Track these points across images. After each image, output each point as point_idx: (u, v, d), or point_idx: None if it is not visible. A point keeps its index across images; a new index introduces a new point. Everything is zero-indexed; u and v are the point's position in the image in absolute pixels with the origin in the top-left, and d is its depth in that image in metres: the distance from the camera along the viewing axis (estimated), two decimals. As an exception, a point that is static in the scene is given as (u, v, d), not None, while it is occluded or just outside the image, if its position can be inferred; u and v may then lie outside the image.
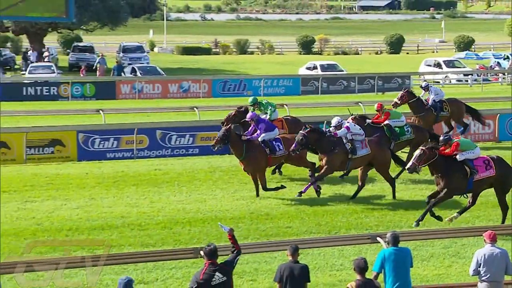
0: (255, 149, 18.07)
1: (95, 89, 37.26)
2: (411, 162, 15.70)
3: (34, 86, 36.95)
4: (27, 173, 20.30)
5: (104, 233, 15.35)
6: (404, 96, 23.65)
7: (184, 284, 12.62)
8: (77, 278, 12.79)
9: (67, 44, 59.39)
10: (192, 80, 39.42)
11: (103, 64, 45.45)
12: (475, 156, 15.97)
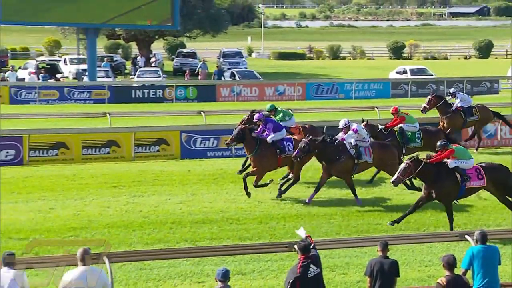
0: (266, 148, 17.83)
1: (197, 92, 37.70)
2: (395, 175, 15.02)
3: (142, 89, 37.64)
4: (135, 170, 20.70)
5: (204, 226, 15.50)
6: (432, 100, 23.11)
7: (280, 276, 12.64)
8: (180, 268, 12.97)
9: (172, 50, 60.31)
10: (287, 84, 39.45)
11: (205, 68, 45.96)
12: (468, 166, 15.25)
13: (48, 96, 36.17)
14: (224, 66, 48.67)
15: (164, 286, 12.32)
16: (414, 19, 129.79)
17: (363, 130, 18.03)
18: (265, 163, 17.85)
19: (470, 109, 23.33)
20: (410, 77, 42.35)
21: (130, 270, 12.75)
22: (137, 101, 36.03)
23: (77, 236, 14.62)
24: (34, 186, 18.58)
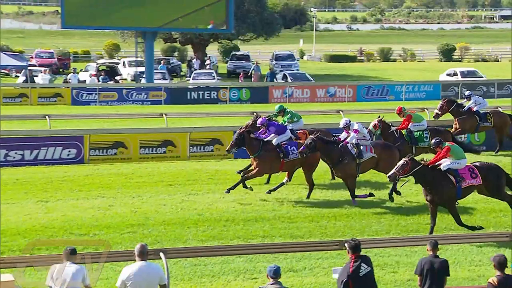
0: (270, 151, 17.51)
1: (250, 94, 37.82)
2: (392, 171, 14.71)
3: (197, 91, 37.90)
4: (190, 169, 20.84)
5: (257, 224, 15.52)
6: (444, 106, 22.70)
7: (330, 274, 12.58)
8: (233, 264, 13.01)
9: (226, 53, 60.54)
10: (338, 86, 39.30)
11: (258, 71, 46.06)
12: (460, 166, 14.93)
13: (107, 97, 36.66)
14: (276, 68, 48.67)
15: (218, 282, 12.37)
16: (465, 22, 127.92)
17: (363, 128, 17.80)
18: (267, 165, 17.57)
19: (484, 114, 22.94)
20: (460, 79, 41.77)
21: (185, 266, 12.85)
22: (192, 102, 36.30)
23: (135, 233, 14.77)
24: (94, 184, 18.85)
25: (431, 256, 10.16)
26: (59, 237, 14.29)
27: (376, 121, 19.33)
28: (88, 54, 65.22)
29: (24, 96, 35.77)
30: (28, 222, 15.25)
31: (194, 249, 12.41)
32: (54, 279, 9.06)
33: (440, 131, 20.05)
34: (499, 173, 15.25)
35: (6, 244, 13.78)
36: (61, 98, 36.13)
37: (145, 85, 39.76)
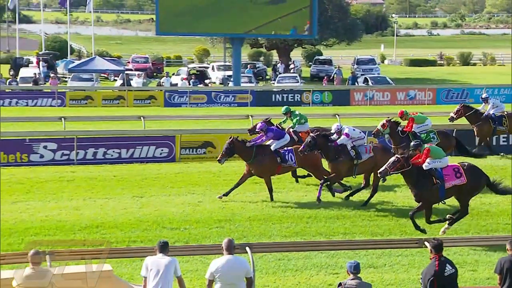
0: (265, 155, 17.01)
1: (332, 97, 37.67)
2: (384, 167, 14.23)
3: (281, 94, 38.00)
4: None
5: (338, 221, 15.43)
6: (460, 111, 21.91)
7: (410, 271, 12.43)
8: (315, 260, 12.98)
9: (310, 58, 60.46)
10: (418, 89, 38.73)
11: (340, 75, 45.83)
12: (443, 165, 14.41)
13: (197, 99, 37.11)
14: (358, 72, 48.33)
15: (300, 276, 12.37)
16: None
17: (354, 131, 17.31)
18: (264, 169, 17.11)
19: (500, 118, 22.10)
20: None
21: (270, 260, 12.89)
22: (277, 104, 36.31)
23: (222, 228, 14.89)
24: (184, 181, 19.10)
25: (510, 255, 9.89)
26: (153, 231, 14.55)
27: (385, 121, 18.79)
28: (180, 59, 66.19)
29: (121, 98, 36.59)
30: (124, 216, 15.58)
31: (278, 244, 12.43)
32: (149, 269, 9.23)
33: (447, 134, 19.50)
34: (482, 177, 14.68)
35: (104, 237, 14.12)
36: (155, 100, 36.80)
37: (233, 88, 40.11)
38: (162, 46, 75.97)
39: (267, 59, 62.36)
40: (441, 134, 19.28)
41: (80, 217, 15.36)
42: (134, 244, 13.54)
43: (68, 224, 14.73)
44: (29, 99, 35.50)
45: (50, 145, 21.06)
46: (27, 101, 35.31)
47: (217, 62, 54.25)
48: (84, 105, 35.38)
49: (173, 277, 9.27)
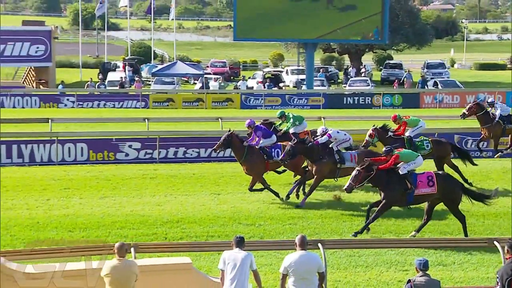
0: (254, 154, 16.75)
1: (402, 99, 37.16)
2: (348, 182, 13.80)
3: (352, 97, 37.72)
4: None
5: (408, 220, 15.17)
6: (473, 108, 20.99)
7: (479, 269, 12.17)
8: (385, 257, 12.84)
9: (380, 62, 59.83)
10: (487, 92, 37.72)
11: (410, 78, 45.20)
12: (418, 165, 14.03)
13: (272, 102, 37.19)
14: (427, 76, 47.53)
15: (371, 272, 12.25)
16: None
17: (339, 133, 16.83)
18: (257, 167, 16.88)
19: (509, 117, 21.21)
20: None
21: (341, 256, 12.81)
22: (348, 107, 36.14)
23: (295, 224, 14.88)
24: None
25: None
26: (229, 226, 14.65)
27: (371, 131, 18.09)
28: (256, 64, 66.44)
29: (200, 100, 36.97)
30: (203, 212, 15.74)
31: (350, 241, 12.35)
32: (226, 263, 9.30)
33: (441, 142, 18.63)
34: (456, 186, 14.12)
35: (184, 231, 14.30)
36: (232, 103, 37.05)
37: (306, 91, 40.04)
38: (239, 51, 76.41)
39: (339, 64, 61.99)
40: (435, 142, 18.46)
41: (161, 212, 15.60)
42: (212, 239, 13.68)
43: (150, 219, 14.98)
44: (116, 101, 36.28)
45: (134, 145, 21.47)
46: (114, 103, 36.09)
47: (291, 66, 54.23)
48: (166, 107, 35.93)
49: (249, 270, 9.31)
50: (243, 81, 44.27)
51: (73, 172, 19.60)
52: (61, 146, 21.12)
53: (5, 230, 13.90)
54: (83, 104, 35.50)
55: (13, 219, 14.59)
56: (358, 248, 12.49)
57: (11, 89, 36.69)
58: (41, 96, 36.14)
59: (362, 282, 11.83)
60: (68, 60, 61.66)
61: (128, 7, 67.53)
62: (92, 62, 62.15)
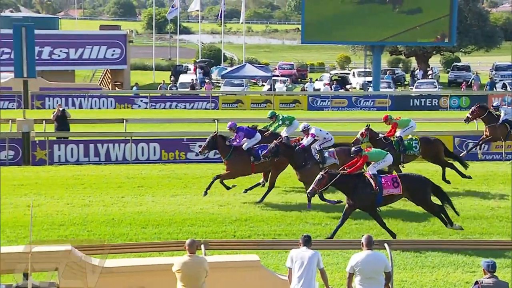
0: (240, 154, 16.46)
1: (470, 101, 36.30)
2: (311, 186, 13.48)
3: (419, 99, 37.19)
4: (412, 169, 20.34)
5: (475, 222, 14.86)
6: (476, 111, 20.38)
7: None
8: (452, 258, 12.57)
9: (448, 64, 58.76)
10: (558, 94, 36.68)
11: (477, 80, 44.22)
12: (388, 163, 13.93)
13: (338, 103, 37.00)
14: (496, 78, 46.44)
15: (438, 273, 12.01)
16: None
17: (321, 132, 16.38)
18: (238, 167, 16.52)
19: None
20: None
21: (407, 257, 12.61)
22: (414, 108, 35.61)
23: (362, 224, 14.68)
24: (326, 180, 19.02)
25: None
26: (296, 225, 14.63)
27: (364, 130, 17.64)
28: (323, 66, 66.19)
29: (268, 102, 37.07)
30: (271, 211, 15.75)
31: (416, 242, 12.17)
32: (294, 261, 9.28)
33: (430, 140, 18.15)
34: (422, 184, 13.69)
35: (252, 229, 14.34)
36: (299, 104, 37.02)
37: (372, 93, 39.68)
38: (306, 53, 76.25)
39: (406, 66, 61.19)
40: (424, 141, 18.04)
41: (230, 210, 15.69)
42: (279, 237, 13.68)
43: (220, 217, 15.09)
44: (187, 102, 36.74)
45: (205, 144, 21.65)
46: (185, 104, 36.55)
47: (357, 69, 53.84)
48: (234, 108, 36.16)
49: (316, 269, 9.28)
50: (310, 83, 44.16)
51: (146, 170, 19.94)
52: (135, 146, 21.53)
53: (83, 225, 14.25)
54: (156, 105, 36.07)
55: (90, 215, 14.94)
56: (424, 249, 12.28)
57: (89, 90, 37.55)
58: (116, 98, 36.91)
59: (429, 283, 11.62)
60: (142, 62, 62.80)
61: (199, 12, 68.26)
62: (164, 64, 63.14)
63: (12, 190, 17.06)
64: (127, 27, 60.97)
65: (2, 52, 42.77)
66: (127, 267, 9.85)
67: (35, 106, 33.75)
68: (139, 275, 9.73)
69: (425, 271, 12.09)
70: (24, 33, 24.00)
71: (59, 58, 44.69)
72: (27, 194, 16.58)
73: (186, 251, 9.27)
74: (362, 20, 40.30)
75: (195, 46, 74.71)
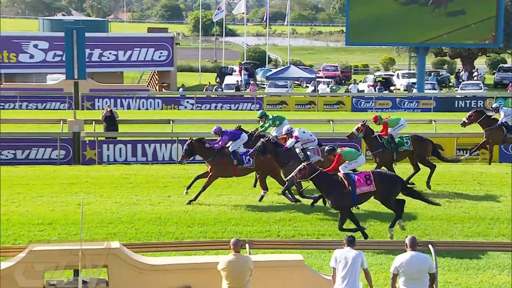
0: (223, 156, 16.21)
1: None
2: (291, 174, 13.40)
3: (464, 100, 36.70)
4: (456, 171, 20.10)
5: (521, 224, 14.61)
6: (472, 116, 20.03)
7: None
8: (498, 260, 12.34)
9: (493, 66, 57.82)
10: None
11: (525, 81, 43.43)
12: (359, 164, 13.84)
13: (382, 105, 36.70)
14: (542, 79, 45.51)
15: (483, 275, 11.80)
16: None
17: (304, 133, 16.15)
18: (220, 169, 16.23)
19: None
20: None
21: (451, 258, 12.43)
22: (459, 110, 35.06)
23: (405, 225, 14.55)
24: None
25: None
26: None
27: (360, 125, 17.55)
28: (367, 67, 65.75)
29: (312, 103, 36.99)
30: (314, 211, 15.63)
31: (461, 243, 11.96)
32: (338, 261, 9.23)
33: (422, 139, 17.89)
34: (393, 183, 13.48)
35: (296, 229, 14.30)
36: (343, 106, 36.87)
37: (416, 94, 39.31)
38: (350, 55, 75.85)
39: (451, 67, 60.40)
40: (415, 139, 17.83)
41: (275, 210, 15.67)
42: (323, 237, 13.61)
43: (264, 217, 15.07)
44: (232, 103, 36.90)
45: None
46: (230, 105, 36.71)
47: (402, 70, 53.33)
48: (279, 109, 36.15)
49: (360, 269, 9.21)
50: (354, 85, 43.92)
51: (192, 170, 20.02)
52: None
53: (130, 224, 14.41)
54: (202, 106, 36.32)
55: (137, 214, 15.10)
56: (469, 250, 12.09)
57: (137, 92, 38.00)
58: (163, 99, 37.27)
59: (474, 285, 11.43)
60: (188, 64, 63.28)
61: (245, 14, 68.46)
62: (210, 66, 63.50)
63: (63, 188, 17.36)
64: (174, 30, 61.54)
65: (55, 55, 43.63)
66: (174, 265, 9.92)
67: (85, 107, 34.33)
68: (185, 273, 9.80)
69: (470, 272, 11.89)
70: (75, 36, 24.39)
71: (108, 60, 45.35)
72: (77, 193, 16.84)
73: (231, 250, 9.29)
74: (407, 22, 39.92)
75: (240, 48, 74.95)
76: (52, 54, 43.68)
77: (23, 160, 20.81)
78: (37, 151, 21.02)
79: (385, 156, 17.57)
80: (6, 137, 21.33)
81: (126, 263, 9.58)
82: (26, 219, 14.35)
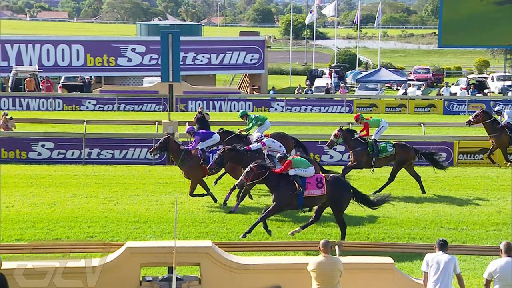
0: (190, 158, 15.85)
1: None
2: (240, 178, 13.39)
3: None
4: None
5: None
6: (479, 116, 19.31)
7: None
8: None
9: None
10: None
11: None
12: (307, 174, 13.22)
13: (475, 108, 35.53)
14: None
15: None
16: None
17: (274, 143, 15.50)
18: (194, 171, 15.75)
19: None
20: None
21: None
22: None
23: (500, 231, 14.11)
24: (462, 185, 18.40)
25: None
26: (431, 229, 14.22)
27: (337, 131, 16.91)
28: (460, 70, 64.11)
29: (403, 106, 36.38)
30: (404, 214, 15.43)
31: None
32: (429, 265, 9.04)
33: (405, 146, 17.05)
34: (346, 189, 13.18)
35: (386, 232, 14.08)
36: (434, 108, 36.09)
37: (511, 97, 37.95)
38: (442, 58, 74.18)
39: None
40: (399, 146, 17.03)
41: (364, 213, 15.40)
42: (413, 241, 13.36)
43: (354, 219, 14.81)
44: (322, 106, 36.76)
45: (339, 147, 21.59)
46: (320, 108, 36.59)
47: (496, 73, 51.70)
48: (369, 112, 35.68)
49: (452, 274, 8.98)
50: (446, 87, 42.91)
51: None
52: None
53: (222, 223, 14.58)
54: (292, 108, 36.36)
55: (229, 214, 15.23)
56: None
57: (228, 94, 38.47)
58: (254, 101, 37.57)
59: None
60: (279, 67, 63.61)
61: (335, 17, 68.14)
62: (300, 69, 63.60)
63: (158, 188, 17.77)
64: (265, 33, 61.95)
65: (151, 58, 44.82)
66: (264, 265, 9.98)
67: (179, 108, 35.05)
68: (275, 273, 9.84)
69: None
70: (170, 40, 24.95)
71: (201, 63, 46.18)
72: (171, 192, 17.20)
73: (320, 251, 9.26)
74: (502, 22, 38.51)
75: (330, 51, 74.65)
76: (148, 57, 44.89)
77: (121, 160, 21.45)
78: (133, 151, 21.61)
79: (361, 157, 17.13)
80: (105, 137, 22.05)
81: (218, 262, 9.71)
82: (123, 217, 14.78)
